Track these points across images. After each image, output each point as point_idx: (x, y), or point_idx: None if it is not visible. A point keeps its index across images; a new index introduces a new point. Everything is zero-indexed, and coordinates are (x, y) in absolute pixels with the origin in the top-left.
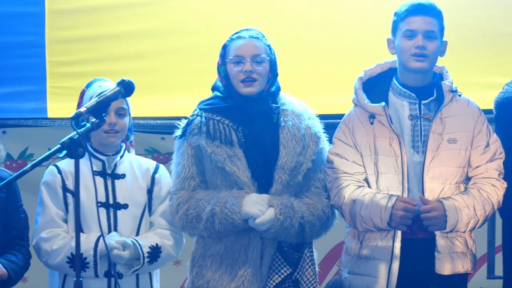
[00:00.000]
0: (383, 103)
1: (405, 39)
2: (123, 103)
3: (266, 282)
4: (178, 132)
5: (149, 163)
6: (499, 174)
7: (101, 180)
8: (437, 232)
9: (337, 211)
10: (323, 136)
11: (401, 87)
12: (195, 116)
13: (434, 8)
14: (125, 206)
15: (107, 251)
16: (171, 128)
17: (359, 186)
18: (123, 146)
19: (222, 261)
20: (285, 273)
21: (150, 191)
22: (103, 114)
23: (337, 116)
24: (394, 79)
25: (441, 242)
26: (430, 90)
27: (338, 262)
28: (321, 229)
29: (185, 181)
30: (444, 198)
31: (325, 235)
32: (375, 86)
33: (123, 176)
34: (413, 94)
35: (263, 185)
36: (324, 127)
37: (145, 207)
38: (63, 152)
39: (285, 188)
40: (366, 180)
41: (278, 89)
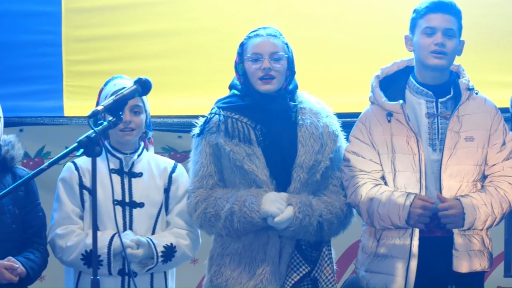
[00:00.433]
0: (401, 101)
1: (424, 36)
2: (138, 101)
3: (285, 281)
4: (196, 130)
5: (167, 162)
6: None
7: (118, 178)
8: (455, 230)
9: (354, 209)
10: (341, 134)
11: (418, 85)
12: (213, 115)
13: (454, 7)
14: (141, 205)
15: (123, 249)
16: (188, 127)
17: (376, 184)
18: (142, 145)
19: (241, 260)
20: (304, 271)
21: (167, 190)
22: (120, 113)
23: (354, 115)
24: (411, 77)
25: (459, 240)
26: (447, 88)
27: (355, 261)
28: (339, 227)
29: (203, 180)
30: (462, 196)
31: (343, 233)
32: (392, 84)
33: (140, 175)
34: (430, 92)
35: (282, 184)
36: (341, 126)
37: (162, 206)
38: (80, 151)
39: (304, 187)
40: (383, 178)
41: (296, 87)
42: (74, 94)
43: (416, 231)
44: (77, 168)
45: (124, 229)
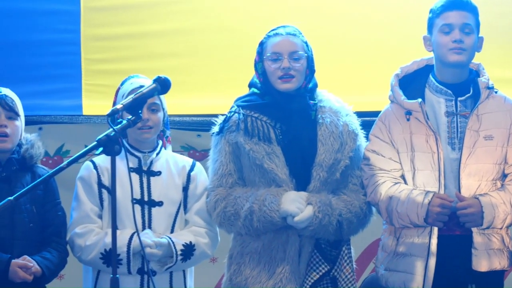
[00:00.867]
0: (420, 100)
1: (442, 34)
2: (156, 99)
3: (304, 279)
4: (216, 129)
5: (186, 161)
6: None
7: (137, 177)
8: (474, 229)
9: (374, 208)
10: (361, 133)
11: (438, 84)
12: (233, 113)
13: (470, 3)
14: (160, 204)
15: (142, 248)
16: (207, 125)
17: (396, 183)
18: (160, 143)
19: (260, 259)
20: (323, 270)
21: (186, 189)
22: (139, 111)
23: (374, 114)
24: (431, 76)
25: (478, 239)
26: (467, 87)
27: (374, 260)
28: (359, 226)
29: (223, 178)
30: (481, 195)
31: (362, 232)
32: (412, 83)
33: (159, 173)
34: (450, 91)
35: (301, 182)
36: (361, 124)
37: (180, 205)
38: (100, 149)
39: (323, 185)
40: (403, 177)
41: (316, 86)
42: (93, 93)
43: (435, 230)
44: (96, 167)
45: (143, 228)
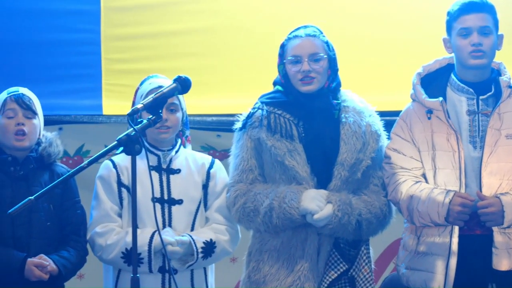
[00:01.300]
0: (441, 98)
1: (461, 38)
2: (174, 99)
3: (322, 278)
4: (239, 125)
5: (205, 158)
6: None
7: (156, 175)
8: (495, 228)
9: (394, 209)
10: (383, 134)
11: (459, 83)
12: (257, 109)
13: (486, 3)
14: (180, 202)
15: (163, 246)
16: (227, 125)
17: (416, 182)
18: (179, 141)
19: (279, 256)
20: (341, 269)
21: (206, 186)
22: (160, 111)
23: (397, 113)
24: (452, 75)
25: (499, 238)
26: (488, 86)
27: (394, 260)
28: (378, 227)
29: (243, 174)
30: (502, 194)
31: (381, 233)
32: (433, 82)
33: (178, 171)
34: (471, 90)
35: (322, 181)
36: (385, 124)
37: (200, 203)
38: (120, 149)
39: (344, 185)
40: (424, 176)
41: (339, 85)
42: (113, 93)
43: (456, 229)
44: (115, 166)
45: (164, 226)
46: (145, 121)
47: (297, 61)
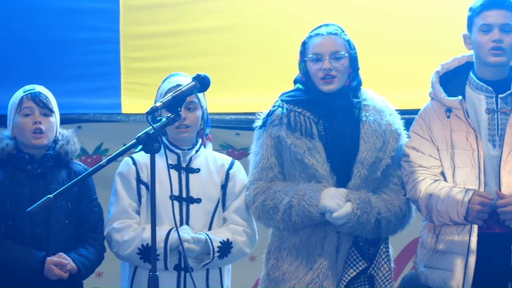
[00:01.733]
0: (460, 97)
1: (481, 34)
2: (193, 97)
3: (341, 276)
4: (259, 123)
5: (225, 159)
6: None
7: (176, 174)
8: None
9: (414, 208)
10: (403, 133)
11: (478, 81)
12: (277, 107)
13: (508, 1)
14: (198, 201)
15: (180, 243)
16: (246, 124)
17: (435, 180)
18: (199, 141)
19: (298, 254)
20: (360, 268)
21: (224, 187)
22: (179, 109)
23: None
24: (471, 73)
25: None
26: (507, 84)
27: (413, 259)
28: (397, 226)
29: (263, 172)
30: None
31: (400, 232)
32: (452, 80)
33: (198, 171)
34: (490, 88)
35: (342, 179)
36: (405, 123)
37: (219, 203)
38: (139, 147)
39: (363, 183)
40: (443, 174)
41: (360, 84)
42: (132, 91)
43: (475, 227)
44: (135, 163)
45: (181, 225)
46: (164, 120)
47: (318, 59)
